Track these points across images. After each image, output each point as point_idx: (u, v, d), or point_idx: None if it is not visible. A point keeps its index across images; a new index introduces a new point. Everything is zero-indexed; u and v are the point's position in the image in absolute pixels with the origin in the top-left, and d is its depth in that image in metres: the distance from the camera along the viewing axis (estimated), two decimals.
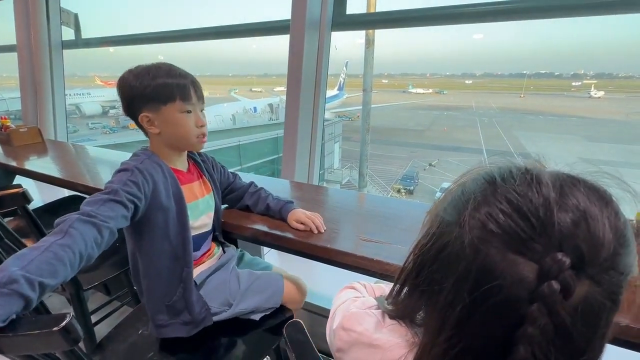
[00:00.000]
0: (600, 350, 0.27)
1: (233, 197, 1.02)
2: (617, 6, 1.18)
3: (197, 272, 0.86)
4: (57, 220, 0.59)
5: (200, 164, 0.91)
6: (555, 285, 0.22)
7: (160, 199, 0.74)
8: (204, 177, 0.90)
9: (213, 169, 0.96)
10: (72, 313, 0.37)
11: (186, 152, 0.87)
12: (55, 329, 0.35)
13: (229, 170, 1.04)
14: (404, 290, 0.35)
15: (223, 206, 1.03)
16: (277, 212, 0.96)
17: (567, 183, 0.25)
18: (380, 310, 0.39)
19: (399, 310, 0.36)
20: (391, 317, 0.37)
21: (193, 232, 0.84)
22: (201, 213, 0.87)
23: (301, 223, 0.90)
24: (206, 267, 0.89)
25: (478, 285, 0.25)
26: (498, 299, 0.24)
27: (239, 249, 1.05)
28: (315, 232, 0.88)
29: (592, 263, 0.23)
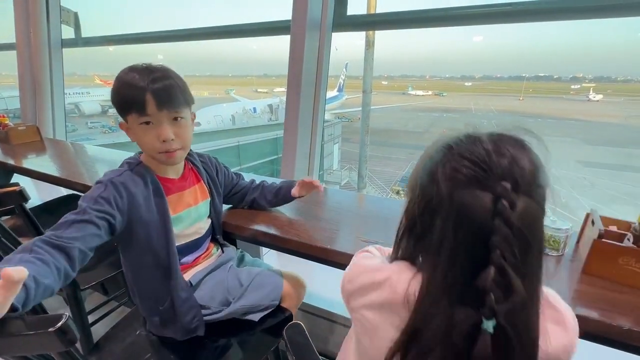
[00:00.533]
0: (539, 260, 0.36)
1: (237, 196, 1.02)
2: (616, 9, 1.18)
3: (192, 272, 0.85)
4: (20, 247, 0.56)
5: (199, 168, 0.88)
6: (505, 202, 0.33)
7: (140, 213, 0.72)
8: (201, 181, 0.88)
9: (216, 171, 0.93)
10: (69, 313, 0.37)
11: None
12: (51, 329, 0.35)
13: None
14: (402, 244, 0.44)
15: (227, 206, 1.02)
16: (287, 192, 0.97)
17: (498, 138, 0.37)
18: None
19: (400, 256, 0.45)
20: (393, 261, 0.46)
21: (186, 239, 0.83)
22: (195, 220, 0.85)
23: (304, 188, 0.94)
24: (202, 267, 0.88)
25: (458, 219, 0.35)
26: (473, 225, 0.34)
27: (239, 250, 1.04)
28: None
29: (524, 184, 0.34)
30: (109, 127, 17.60)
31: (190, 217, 0.83)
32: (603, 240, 0.69)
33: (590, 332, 0.62)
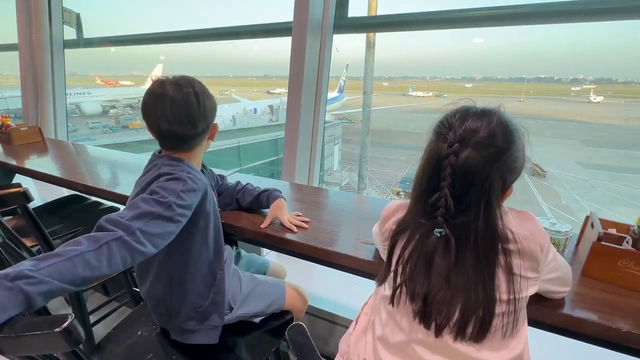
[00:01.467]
0: (480, 195, 0.48)
1: (222, 198, 1.03)
2: (616, 12, 1.19)
3: None
4: (103, 221, 0.58)
5: (206, 175, 0.91)
6: (451, 151, 0.48)
7: (206, 205, 0.75)
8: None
9: (208, 173, 0.96)
10: (73, 314, 0.37)
11: None
12: (57, 329, 0.35)
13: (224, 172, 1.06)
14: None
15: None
16: (264, 201, 0.99)
17: (468, 111, 0.51)
18: None
19: None
20: None
21: None
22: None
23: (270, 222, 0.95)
24: None
25: (426, 159, 0.52)
26: (434, 165, 0.50)
27: (235, 247, 1.05)
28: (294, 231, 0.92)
29: (471, 143, 0.48)
30: (109, 127, 17.59)
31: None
32: (602, 243, 0.69)
33: (589, 334, 0.62)
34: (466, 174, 0.47)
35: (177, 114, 0.70)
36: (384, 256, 0.61)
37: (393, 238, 0.57)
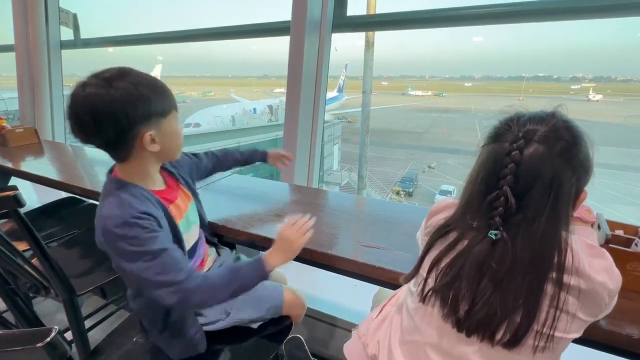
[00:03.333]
0: (545, 197, 0.44)
1: (201, 172, 1.00)
2: (615, 9, 1.17)
3: None
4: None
5: (174, 172, 0.83)
6: (515, 147, 0.44)
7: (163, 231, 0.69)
8: (180, 184, 0.83)
9: (188, 169, 0.91)
10: (58, 327, 0.35)
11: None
12: (39, 344, 0.33)
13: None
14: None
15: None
16: (248, 158, 1.03)
17: (520, 115, 0.49)
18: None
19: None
20: None
21: (187, 246, 0.80)
22: (192, 224, 0.83)
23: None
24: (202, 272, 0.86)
25: (487, 158, 0.48)
26: (496, 162, 0.46)
27: (234, 251, 1.02)
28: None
29: (534, 136, 0.45)
30: None
31: (189, 222, 0.81)
32: (610, 245, 0.67)
33: (597, 341, 0.60)
34: (532, 169, 0.43)
35: (74, 120, 0.60)
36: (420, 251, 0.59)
37: (433, 237, 0.53)
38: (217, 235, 0.98)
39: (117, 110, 0.59)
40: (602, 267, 0.46)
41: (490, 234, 0.45)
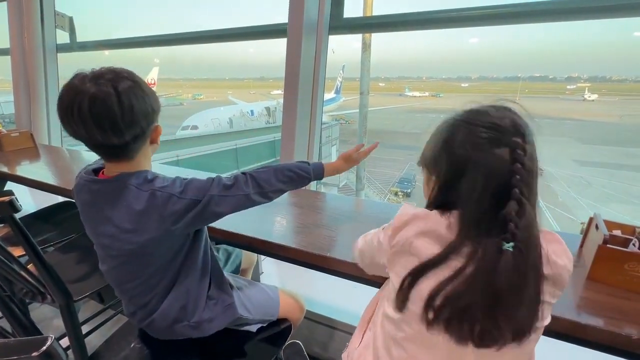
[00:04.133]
0: (536, 184, 0.46)
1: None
2: (609, 10, 1.18)
3: None
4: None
5: None
6: (519, 151, 0.44)
7: None
8: None
9: None
10: (54, 336, 0.35)
11: None
12: (35, 354, 0.33)
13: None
14: (435, 201, 0.53)
15: None
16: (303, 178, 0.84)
17: (495, 107, 0.48)
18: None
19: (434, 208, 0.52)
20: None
21: None
22: None
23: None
24: None
25: (485, 172, 0.45)
26: (497, 174, 0.44)
27: (223, 246, 1.03)
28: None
29: (526, 134, 0.45)
30: None
31: None
32: (608, 245, 0.68)
33: (596, 341, 0.60)
34: (530, 170, 0.44)
35: (96, 118, 0.59)
36: (387, 272, 0.54)
37: (423, 267, 0.47)
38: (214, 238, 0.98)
39: (147, 105, 0.64)
40: (561, 251, 0.48)
41: (507, 247, 0.43)
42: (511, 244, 0.43)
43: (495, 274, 0.42)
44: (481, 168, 0.45)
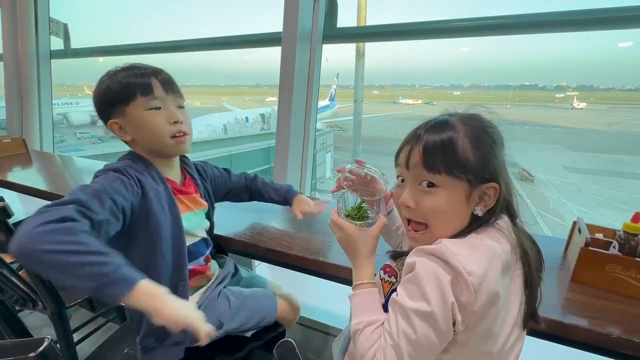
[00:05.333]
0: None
1: (231, 195, 1.01)
2: (596, 23, 1.23)
3: (196, 297, 0.82)
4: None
5: (197, 180, 0.85)
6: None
7: (152, 205, 0.66)
8: (199, 193, 0.85)
9: (211, 181, 0.91)
10: (50, 337, 0.35)
11: (178, 160, 0.81)
12: (31, 354, 0.33)
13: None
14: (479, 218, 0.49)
15: (223, 203, 1.01)
16: (281, 200, 0.99)
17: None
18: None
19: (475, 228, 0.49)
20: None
21: (189, 241, 0.79)
22: (197, 225, 0.82)
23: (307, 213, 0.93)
24: (204, 288, 0.85)
25: (506, 168, 0.50)
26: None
27: (232, 262, 1.02)
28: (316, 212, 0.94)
29: None
30: (97, 137, 17.21)
31: (193, 220, 0.80)
32: (590, 248, 0.70)
33: (580, 340, 0.62)
34: None
35: None
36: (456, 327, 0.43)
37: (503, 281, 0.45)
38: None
39: (93, 99, 0.71)
40: None
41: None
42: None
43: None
44: (503, 163, 0.50)
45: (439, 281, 0.41)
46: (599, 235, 0.76)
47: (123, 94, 0.67)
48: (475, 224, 0.48)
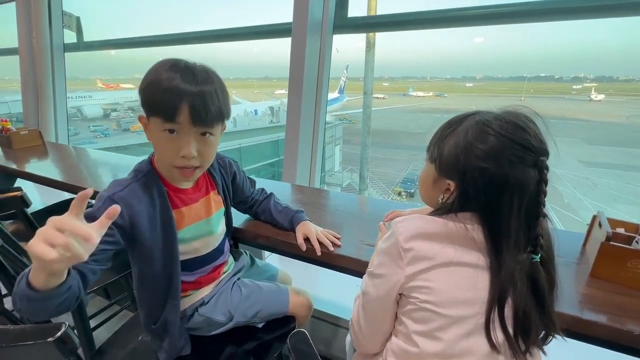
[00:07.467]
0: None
1: (246, 207, 0.99)
2: (617, 9, 1.18)
3: (208, 289, 0.83)
4: None
5: (216, 177, 0.81)
6: (546, 171, 0.47)
7: (142, 231, 0.65)
8: (215, 189, 0.81)
9: (233, 177, 0.87)
10: (68, 323, 0.36)
11: None
12: (50, 339, 0.34)
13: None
14: (450, 207, 0.52)
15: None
16: (286, 223, 0.92)
17: (529, 122, 0.49)
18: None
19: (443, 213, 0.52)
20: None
21: (196, 254, 0.77)
22: (206, 233, 0.78)
23: (307, 239, 0.86)
24: (218, 281, 0.86)
25: (515, 189, 0.46)
26: (527, 192, 0.46)
27: (248, 254, 1.03)
28: (319, 253, 0.83)
29: (549, 155, 0.47)
30: (101, 132, 17.45)
31: (201, 229, 0.77)
32: (611, 243, 0.68)
33: (598, 337, 0.61)
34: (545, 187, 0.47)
35: None
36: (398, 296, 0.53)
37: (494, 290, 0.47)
38: None
39: (143, 89, 0.63)
40: None
41: (534, 258, 0.47)
42: (539, 255, 0.47)
43: (536, 283, 0.48)
44: (517, 187, 0.46)
45: (388, 241, 0.53)
46: (620, 230, 0.73)
47: (149, 105, 0.63)
48: (439, 210, 0.53)
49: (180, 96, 0.60)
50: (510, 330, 0.47)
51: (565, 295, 0.66)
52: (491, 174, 0.46)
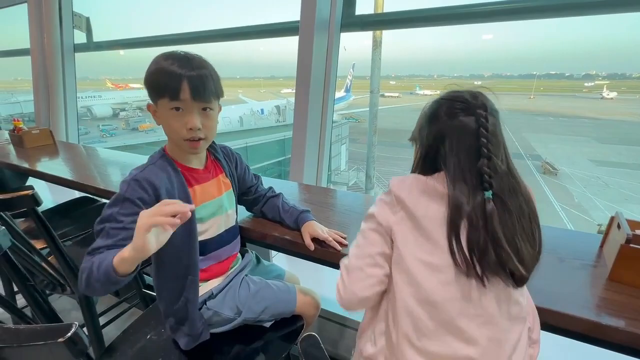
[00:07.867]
0: (504, 149, 0.56)
1: (250, 199, 0.99)
2: (630, 4, 1.14)
3: (217, 281, 0.84)
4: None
5: (221, 160, 0.87)
6: (482, 120, 0.54)
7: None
8: (223, 173, 0.86)
9: (236, 167, 0.92)
10: (78, 323, 0.36)
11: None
12: (60, 340, 0.34)
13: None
14: (419, 165, 0.63)
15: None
16: (292, 223, 0.93)
17: (470, 91, 0.58)
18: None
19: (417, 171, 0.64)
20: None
21: (211, 235, 0.81)
22: (220, 211, 0.83)
23: (314, 239, 0.87)
24: (226, 275, 0.86)
25: (459, 135, 0.55)
26: (468, 136, 0.55)
27: (253, 253, 1.03)
28: (339, 248, 0.84)
29: (489, 110, 0.55)
30: (107, 131, 17.68)
31: (215, 208, 0.82)
32: (631, 245, 0.66)
33: (617, 342, 0.59)
34: (495, 135, 0.54)
35: None
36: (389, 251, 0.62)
37: (453, 219, 0.54)
38: None
39: (147, 78, 0.71)
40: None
41: (487, 195, 0.52)
42: (490, 192, 0.52)
43: (489, 218, 0.51)
44: (455, 132, 0.55)
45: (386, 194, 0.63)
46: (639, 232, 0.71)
47: (155, 89, 0.71)
48: (417, 169, 0.63)
49: (181, 77, 0.69)
50: (466, 252, 0.52)
51: (582, 299, 0.64)
52: (437, 129, 0.58)
